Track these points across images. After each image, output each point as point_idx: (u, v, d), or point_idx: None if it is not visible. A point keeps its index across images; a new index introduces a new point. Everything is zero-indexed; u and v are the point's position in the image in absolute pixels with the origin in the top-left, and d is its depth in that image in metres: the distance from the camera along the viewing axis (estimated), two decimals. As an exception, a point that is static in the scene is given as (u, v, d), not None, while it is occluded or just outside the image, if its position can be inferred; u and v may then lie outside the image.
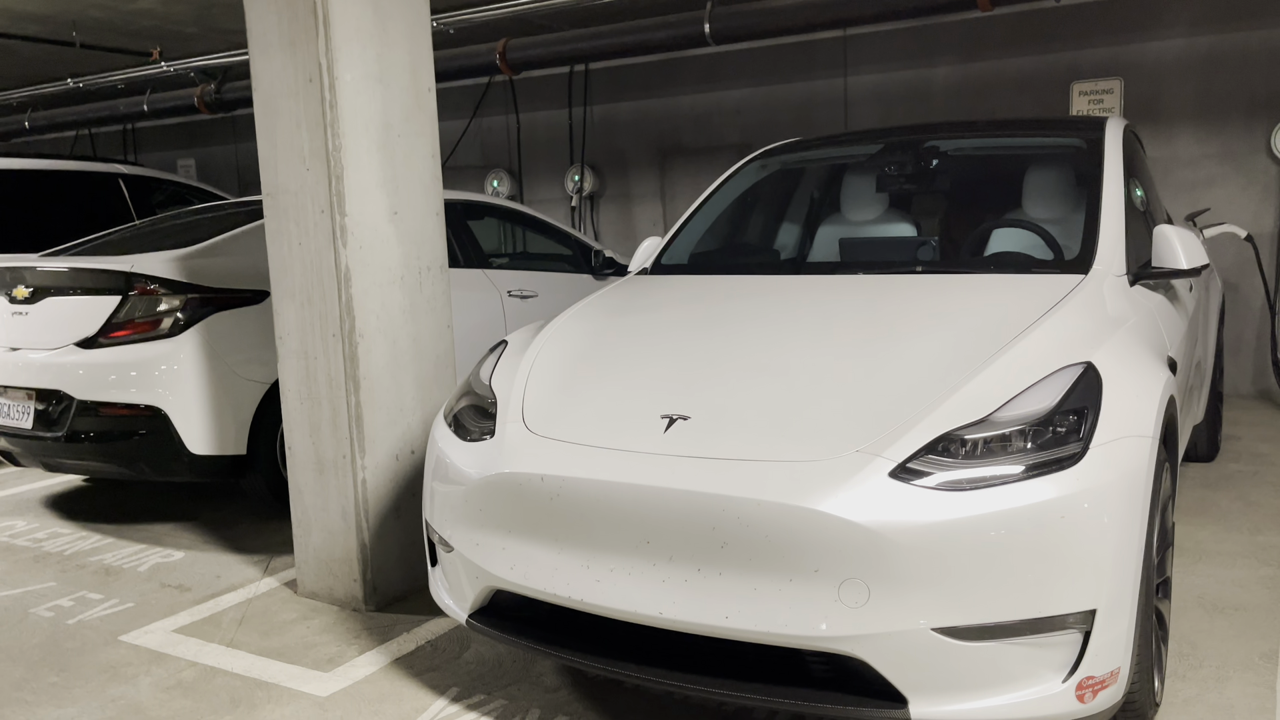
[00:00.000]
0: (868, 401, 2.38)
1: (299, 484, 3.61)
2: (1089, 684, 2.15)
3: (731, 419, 2.44)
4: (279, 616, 3.51)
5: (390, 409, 3.54)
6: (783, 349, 2.72)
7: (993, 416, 2.26)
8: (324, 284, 3.40)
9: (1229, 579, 3.53)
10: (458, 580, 2.72)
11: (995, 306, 2.75)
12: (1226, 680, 2.81)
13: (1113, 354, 2.45)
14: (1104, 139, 3.55)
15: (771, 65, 7.76)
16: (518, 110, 8.98)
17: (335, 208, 3.33)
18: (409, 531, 3.62)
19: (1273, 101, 6.19)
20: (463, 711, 2.79)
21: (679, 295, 3.35)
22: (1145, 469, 2.26)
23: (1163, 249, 3.10)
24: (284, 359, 3.56)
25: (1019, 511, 2.11)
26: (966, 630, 2.11)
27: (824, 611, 2.14)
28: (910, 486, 2.16)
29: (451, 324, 3.78)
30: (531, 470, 2.48)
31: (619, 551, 2.35)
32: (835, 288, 3.14)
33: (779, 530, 2.16)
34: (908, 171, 3.87)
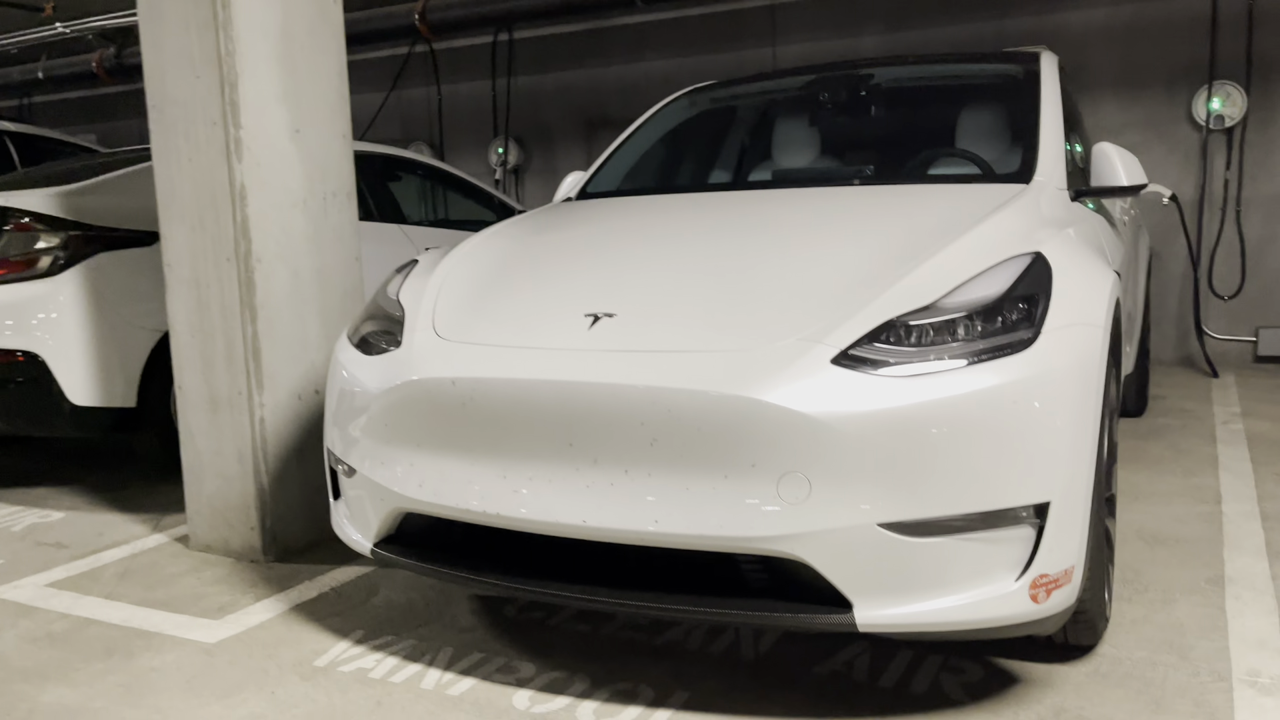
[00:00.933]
0: (807, 293, 2.21)
1: (190, 426, 3.31)
2: (1042, 582, 2.00)
3: (662, 314, 2.25)
4: (166, 570, 3.21)
5: (292, 343, 3.26)
6: (716, 250, 2.53)
7: (939, 303, 2.10)
8: (217, 204, 3.12)
9: (1168, 515, 3.45)
10: (361, 508, 2.47)
11: (938, 208, 2.61)
12: (1174, 602, 2.71)
13: (1061, 248, 2.32)
14: (1040, 67, 3.47)
15: (700, 35, 7.63)
16: (439, 82, 8.70)
17: (229, 119, 3.05)
18: (313, 477, 3.34)
19: (1193, 69, 6.25)
20: (367, 653, 2.54)
21: (606, 212, 3.15)
22: (1098, 357, 2.13)
23: (1102, 166, 3.00)
24: (173, 289, 3.26)
25: (969, 397, 1.95)
26: (915, 525, 1.94)
27: (762, 509, 1.95)
28: (854, 373, 1.98)
29: (360, 258, 3.52)
30: (441, 375, 2.25)
31: (539, 458, 2.14)
32: (772, 199, 2.97)
33: (713, 422, 1.97)
34: (844, 102, 3.74)
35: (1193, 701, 2.18)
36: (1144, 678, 2.29)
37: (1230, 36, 6.13)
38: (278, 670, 2.46)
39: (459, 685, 2.35)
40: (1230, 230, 6.31)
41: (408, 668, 2.45)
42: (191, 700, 2.32)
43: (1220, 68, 6.16)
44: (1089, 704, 2.18)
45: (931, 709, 2.17)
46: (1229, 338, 6.40)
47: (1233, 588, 2.79)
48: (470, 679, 2.38)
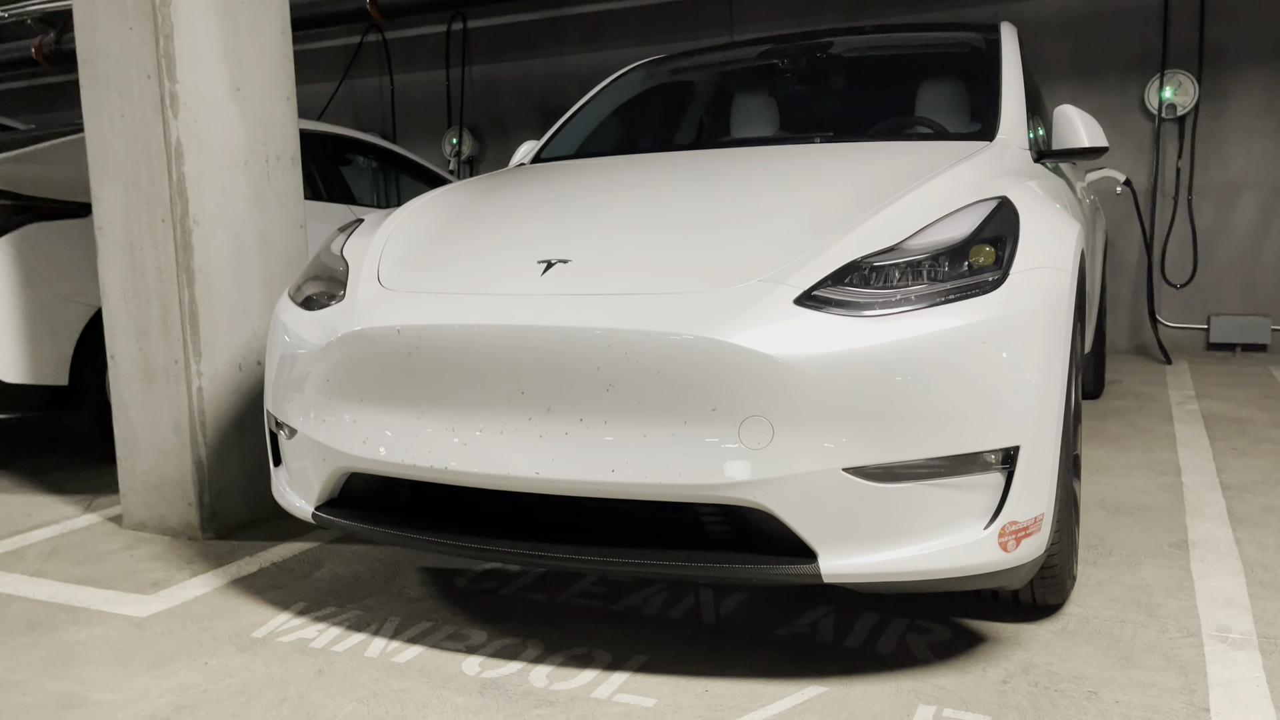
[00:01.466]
0: (769, 236, 2.13)
1: (124, 397, 3.15)
2: (1012, 530, 1.93)
3: (619, 260, 2.15)
4: (97, 548, 3.05)
5: (232, 310, 3.12)
6: (675, 199, 2.45)
7: (904, 244, 2.03)
8: (152, 162, 2.97)
9: (1129, 486, 3.43)
10: (303, 470, 2.35)
11: (901, 160, 2.54)
12: (1139, 565, 2.66)
13: (1026, 195, 2.27)
14: (1001, 36, 3.44)
15: (657, 24, 7.56)
16: (391, 71, 8.55)
17: (164, 72, 2.91)
18: (255, 451, 3.20)
19: (1146, 58, 6.30)
20: (309, 624, 2.41)
21: (561, 171, 3.05)
22: (1067, 301, 2.08)
23: (1064, 128, 2.97)
24: (105, 252, 3.11)
25: (936, 338, 1.88)
26: (881, 470, 1.86)
27: (723, 456, 1.86)
28: (818, 314, 1.91)
29: (305, 225, 3.39)
30: (386, 323, 2.14)
31: (489, 408, 2.03)
32: (731, 156, 2.89)
33: (672, 365, 1.88)
34: (804, 70, 3.68)
35: (1163, 656, 2.12)
36: (1112, 635, 2.23)
37: (1182, 26, 6.19)
38: (212, 642, 2.32)
39: (405, 653, 2.23)
40: (1182, 219, 6.36)
41: (351, 637, 2.33)
42: (118, 672, 2.18)
43: (1172, 57, 6.22)
44: (1058, 660, 2.11)
45: (899, 668, 2.10)
46: (1182, 325, 6.45)
47: (1197, 551, 2.76)
48: (417, 647, 2.26)
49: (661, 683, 2.06)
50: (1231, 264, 6.32)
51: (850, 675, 2.07)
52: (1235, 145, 6.22)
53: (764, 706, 1.95)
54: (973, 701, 1.95)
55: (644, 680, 2.07)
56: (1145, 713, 1.89)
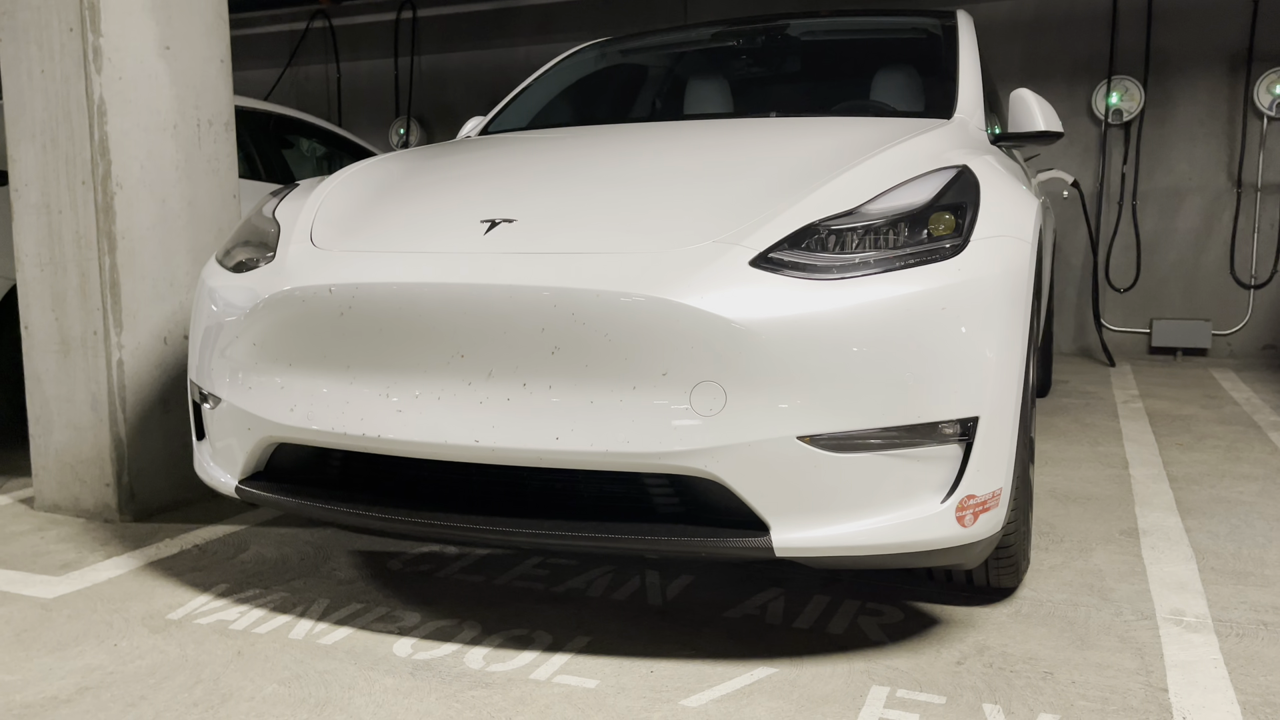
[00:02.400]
0: (724, 198, 2.05)
1: (38, 370, 2.97)
2: (970, 504, 1.87)
3: (567, 219, 2.05)
4: (5, 529, 2.86)
5: (157, 280, 2.96)
6: (626, 162, 2.36)
7: (863, 209, 1.96)
8: (72, 119, 2.80)
9: (1078, 477, 3.40)
10: (226, 442, 2.21)
11: (859, 131, 2.48)
12: (1091, 551, 2.62)
13: (985, 167, 2.21)
14: (958, 23, 3.40)
15: (609, 16, 7.48)
16: (338, 58, 8.36)
17: (88, 24, 2.75)
18: (179, 430, 3.03)
19: (1093, 63, 6.37)
20: (230, 606, 2.27)
21: (509, 140, 2.94)
22: (1027, 271, 2.02)
23: (1020, 112, 2.93)
24: (20, 216, 2.93)
25: (895, 302, 1.81)
26: (835, 440, 1.79)
27: (673, 423, 1.77)
28: (775, 276, 1.82)
29: (239, 195, 3.24)
30: (316, 282, 2.01)
31: (427, 371, 1.92)
32: (686, 127, 2.80)
33: (621, 326, 1.79)
34: (759, 52, 3.61)
35: (1118, 638, 2.07)
36: (1066, 617, 2.18)
37: (1130, 32, 6.27)
38: (123, 624, 2.17)
39: (333, 635, 2.10)
40: (1127, 223, 6.43)
41: (275, 619, 2.19)
42: (19, 653, 2.02)
43: (1119, 63, 6.30)
44: (1012, 642, 2.05)
45: (851, 649, 2.02)
46: (1125, 329, 6.52)
47: (1148, 539, 2.73)
48: (346, 629, 2.13)
49: (604, 664, 1.95)
50: (1174, 268, 6.40)
51: (801, 656, 1.99)
52: (1179, 151, 6.31)
53: (711, 688, 1.86)
54: (927, 682, 1.88)
55: (586, 661, 1.96)
56: (1102, 693, 1.84)
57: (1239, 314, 6.26)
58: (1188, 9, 6.16)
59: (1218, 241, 6.28)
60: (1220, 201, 6.25)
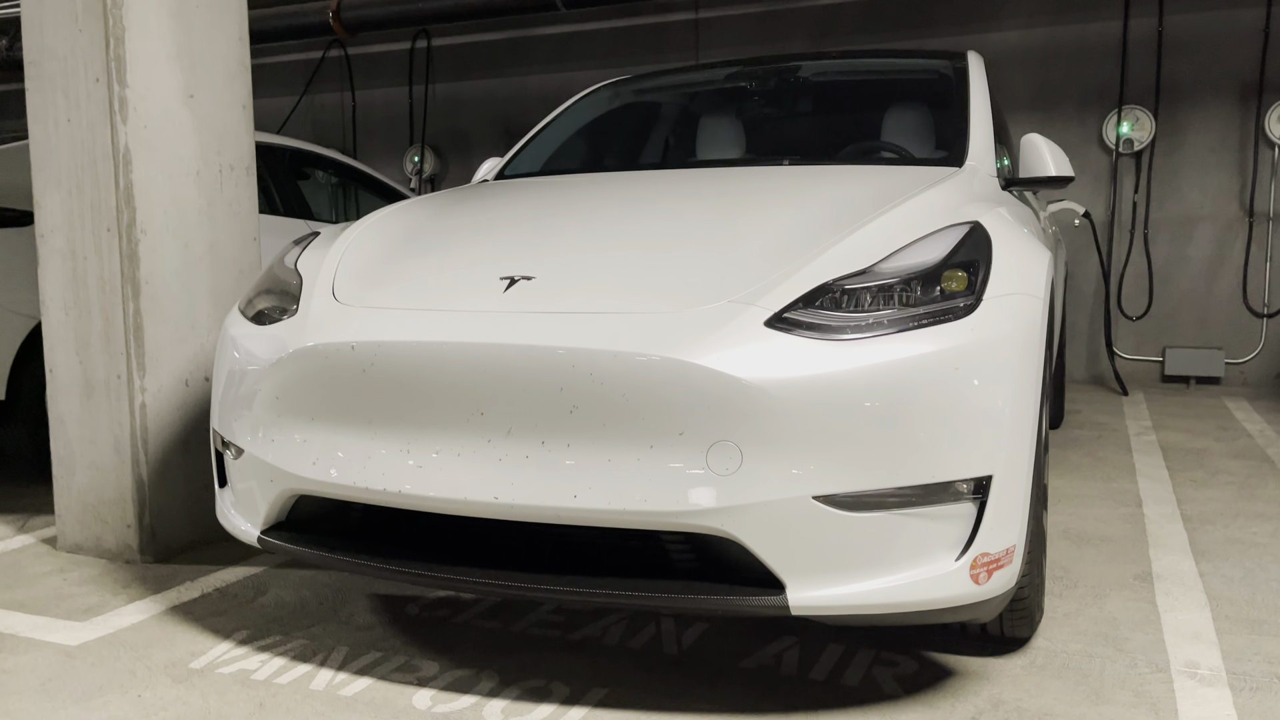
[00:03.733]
0: (739, 257, 2.08)
1: (62, 412, 3.01)
2: (984, 562, 1.88)
3: (584, 278, 2.09)
4: (29, 570, 2.90)
5: (179, 323, 3.00)
6: (643, 217, 2.39)
7: (877, 267, 1.99)
8: (98, 167, 2.86)
9: (1091, 516, 3.41)
10: (249, 492, 2.24)
11: (871, 183, 2.51)
12: (1105, 597, 2.63)
13: (997, 221, 2.24)
14: (969, 65, 3.44)
15: (622, 46, 7.55)
16: (353, 87, 8.44)
17: (114, 75, 2.81)
18: (199, 471, 3.07)
19: (1104, 92, 6.40)
20: (251, 654, 2.30)
21: (526, 188, 2.98)
22: (1039, 328, 2.04)
23: (1031, 156, 2.95)
24: (46, 260, 2.98)
25: (909, 363, 1.84)
26: (852, 499, 1.81)
27: (690, 481, 1.80)
28: (789, 337, 1.85)
29: (259, 237, 3.28)
30: (339, 339, 2.05)
31: (447, 429, 1.95)
32: (699, 176, 2.84)
33: (639, 387, 1.81)
34: (772, 94, 3.65)
35: (1133, 692, 2.08)
36: (1081, 669, 2.19)
37: (1140, 62, 6.30)
38: (146, 672, 2.20)
39: (353, 685, 2.12)
40: (1139, 252, 6.44)
41: (296, 668, 2.22)
42: (45, 704, 2.05)
43: (1130, 92, 6.32)
44: (1027, 696, 2.06)
45: (865, 702, 2.04)
46: (1137, 357, 6.52)
47: (1161, 584, 2.73)
48: (366, 679, 2.15)
49: (622, 718, 1.97)
50: (1186, 297, 6.40)
51: (816, 710, 2.00)
52: (1190, 179, 6.32)
53: (728, 744, 1.87)
54: (942, 739, 1.89)
55: (604, 715, 1.98)
56: (1117, 751, 1.85)
57: (1252, 343, 6.26)
58: (1198, 39, 6.18)
59: (1230, 270, 6.28)
60: (1232, 230, 6.25)
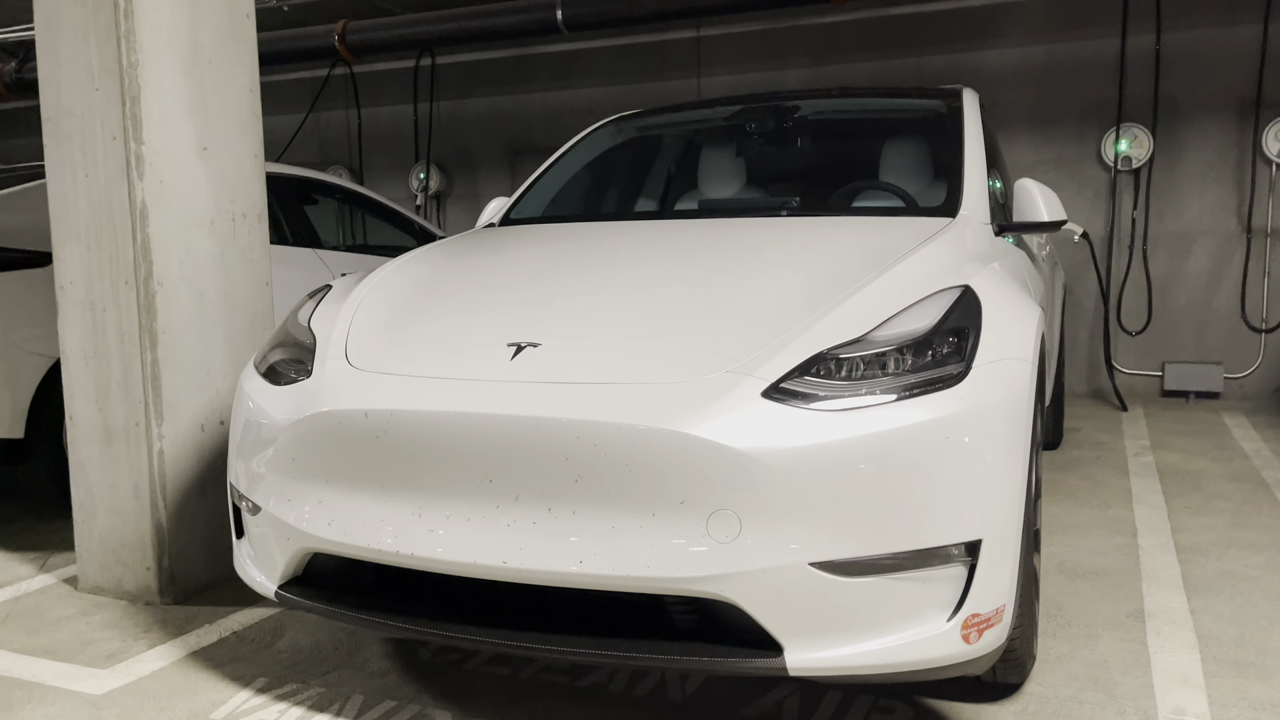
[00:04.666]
0: (736, 324, 2.16)
1: (82, 458, 3.10)
2: (974, 622, 1.96)
3: (588, 344, 2.16)
4: (52, 613, 2.99)
5: (195, 370, 3.09)
6: (644, 278, 2.47)
7: (869, 336, 2.06)
8: (115, 222, 2.94)
9: (1086, 547, 3.48)
10: (266, 547, 2.32)
11: (866, 240, 2.58)
12: (1097, 637, 2.71)
13: (988, 282, 2.31)
14: (963, 104, 3.50)
15: (625, 64, 7.62)
16: (359, 104, 8.53)
17: (130, 134, 2.89)
18: (215, 513, 3.16)
19: (1102, 109, 6.45)
20: (270, 703, 2.38)
21: (530, 238, 3.06)
22: (1027, 392, 2.12)
23: (1024, 202, 3.03)
24: (65, 311, 3.07)
25: (901, 432, 1.91)
26: (847, 565, 1.88)
27: (691, 549, 1.87)
28: (785, 407, 1.93)
29: (271, 281, 3.36)
30: (353, 406, 2.13)
31: (457, 494, 2.03)
32: (698, 228, 2.92)
33: (642, 457, 1.89)
34: (770, 133, 3.72)
35: (1121, 740, 2.16)
36: (1071, 716, 2.26)
37: (1138, 80, 6.35)
38: (170, 724, 2.29)
39: (368, 737, 2.21)
40: (1138, 267, 6.50)
41: (314, 719, 2.30)
42: (72, 759, 2.14)
43: (1128, 109, 6.38)
44: (1019, 744, 2.14)
45: (862, 753, 2.12)
46: (1137, 372, 6.58)
47: (1153, 622, 2.81)
48: (381, 730, 2.24)
49: (627, 771, 2.05)
50: (1185, 311, 6.46)
51: (815, 762, 2.08)
52: (1189, 195, 6.38)
53: (730, 798, 1.95)
54: (936, 791, 1.97)
55: (610, 768, 2.07)
56: (1104, 803, 1.92)
57: (1251, 357, 6.32)
58: (1195, 57, 6.24)
59: (1228, 285, 6.34)
60: (1230, 245, 6.31)
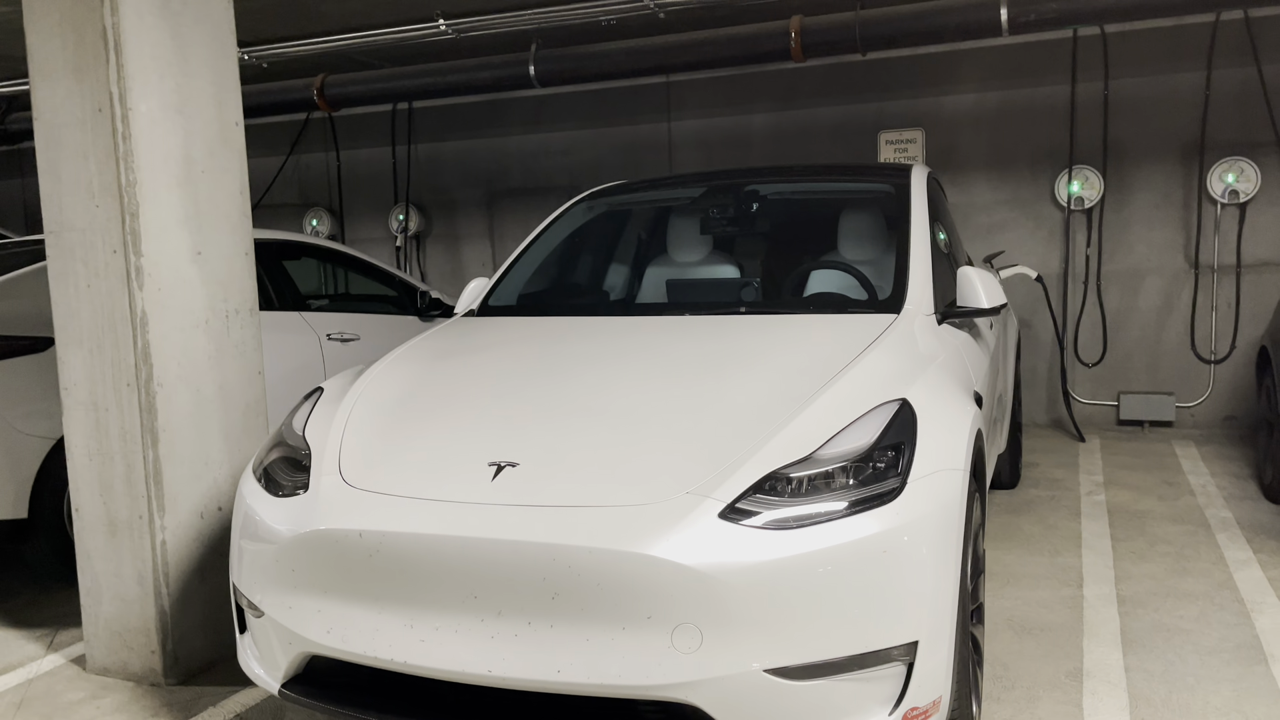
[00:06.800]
0: (695, 442, 2.38)
1: (88, 548, 3.29)
2: (914, 715, 2.19)
3: (560, 464, 2.38)
4: (64, 697, 3.17)
5: (194, 463, 3.28)
6: (611, 391, 2.68)
7: (816, 454, 2.29)
8: (117, 329, 3.13)
9: (1034, 600, 3.73)
10: (269, 647, 2.52)
11: (815, 346, 2.82)
12: (1037, 700, 2.94)
13: (925, 390, 2.55)
14: (910, 186, 3.74)
15: (598, 108, 7.84)
16: (338, 147, 8.70)
17: (130, 247, 3.08)
18: (215, 595, 3.35)
19: (1055, 153, 6.73)
20: (275, 790, 2.58)
21: (506, 337, 3.28)
22: (959, 501, 2.35)
23: (966, 290, 3.27)
24: (70, 411, 3.25)
25: (844, 548, 2.14)
26: (796, 670, 2.11)
27: (658, 659, 2.09)
28: (739, 527, 2.15)
29: (262, 370, 3.56)
30: (348, 526, 2.33)
31: (445, 608, 2.24)
32: (662, 329, 3.14)
33: (611, 577, 2.11)
34: (730, 214, 3.96)
35: (1050, 808, 2.39)
36: (1008, 784, 2.50)
37: (1088, 124, 6.63)
38: (185, 815, 2.48)
39: (368, 824, 2.41)
40: (1092, 302, 6.78)
41: (317, 806, 2.50)
42: None
43: (1079, 152, 6.65)
44: (959, 816, 2.37)
45: (817, 829, 2.33)
46: (1094, 402, 6.86)
47: (1090, 682, 3.05)
48: (379, 816, 2.43)
49: None
50: (1138, 344, 6.75)
51: (775, 839, 2.30)
52: (1138, 234, 6.66)
53: None
54: None
55: None
56: None
57: (1201, 387, 6.60)
58: (1142, 102, 6.52)
59: (1178, 319, 6.62)
60: (1179, 281, 6.60)
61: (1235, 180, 6.28)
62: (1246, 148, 6.30)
